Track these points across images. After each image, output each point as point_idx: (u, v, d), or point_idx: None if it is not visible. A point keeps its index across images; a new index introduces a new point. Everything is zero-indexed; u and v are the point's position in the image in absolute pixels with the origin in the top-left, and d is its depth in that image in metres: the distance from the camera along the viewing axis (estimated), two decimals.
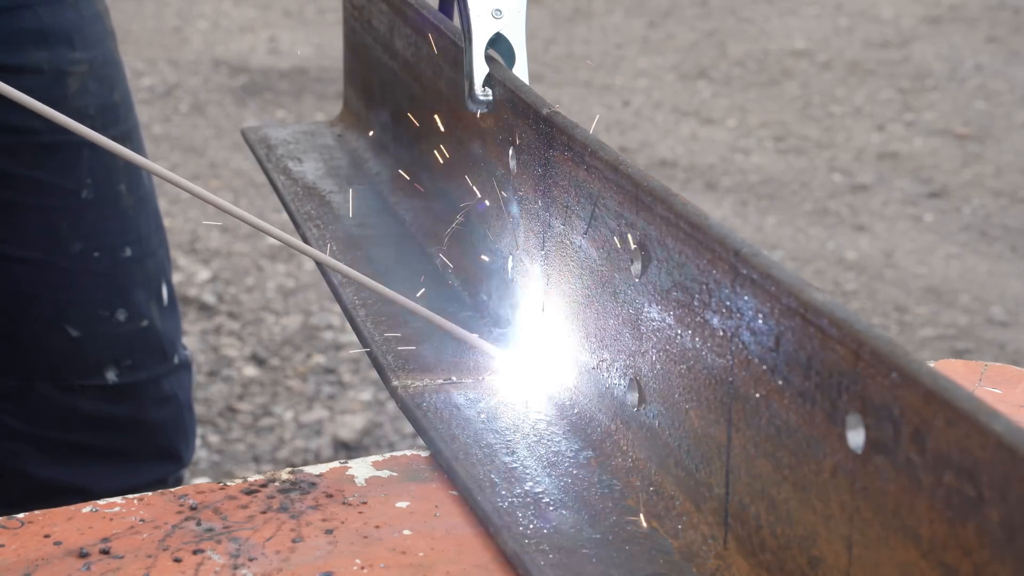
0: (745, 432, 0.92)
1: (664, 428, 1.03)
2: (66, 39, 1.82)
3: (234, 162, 4.62)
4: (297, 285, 3.81)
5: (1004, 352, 3.63)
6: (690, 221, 0.97)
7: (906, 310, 3.84)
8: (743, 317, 0.91)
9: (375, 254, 1.46)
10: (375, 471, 1.12)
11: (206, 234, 4.04)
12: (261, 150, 1.73)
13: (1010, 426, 0.69)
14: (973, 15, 6.28)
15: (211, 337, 3.55)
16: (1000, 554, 0.70)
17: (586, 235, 1.14)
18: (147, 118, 4.93)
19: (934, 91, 5.44)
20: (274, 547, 1.01)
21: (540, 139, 1.20)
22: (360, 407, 3.26)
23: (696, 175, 4.69)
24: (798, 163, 4.80)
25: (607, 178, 1.08)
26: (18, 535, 1.02)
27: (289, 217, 1.58)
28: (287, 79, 5.40)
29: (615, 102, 5.32)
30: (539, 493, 1.07)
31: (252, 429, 3.20)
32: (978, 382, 1.26)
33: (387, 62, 1.63)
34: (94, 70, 1.84)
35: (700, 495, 0.99)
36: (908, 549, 0.77)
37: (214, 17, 6.06)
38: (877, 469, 0.79)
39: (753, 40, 5.98)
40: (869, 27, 6.14)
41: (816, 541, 0.85)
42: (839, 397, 0.82)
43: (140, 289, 1.91)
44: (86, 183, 1.84)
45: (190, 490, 1.08)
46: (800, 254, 4.14)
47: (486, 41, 1.29)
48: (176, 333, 1.99)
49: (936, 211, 4.45)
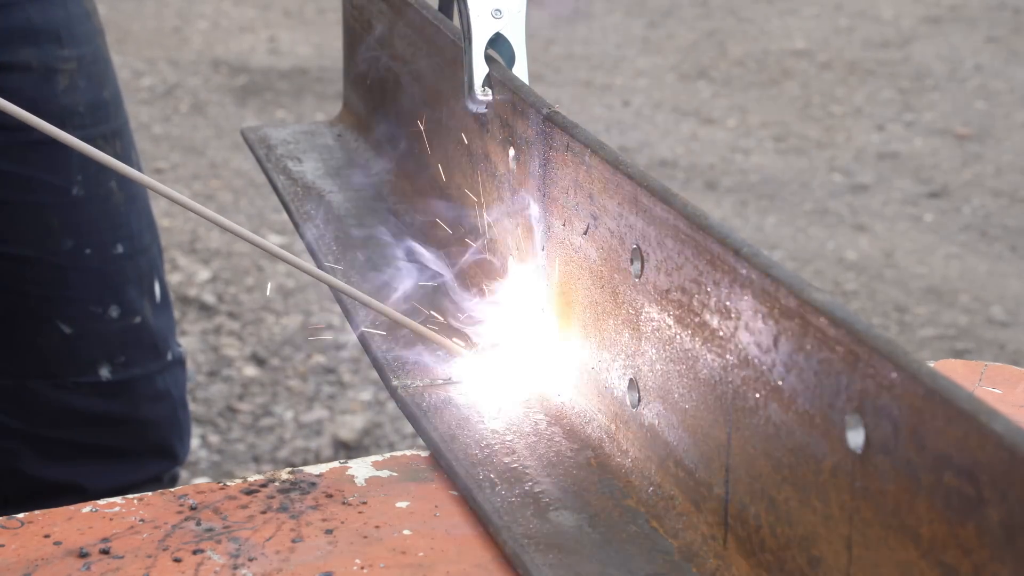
0: (745, 432, 0.92)
1: (664, 428, 1.03)
2: (55, 36, 1.81)
3: (234, 162, 4.62)
4: (297, 285, 3.81)
5: (1004, 352, 3.63)
6: (690, 221, 0.97)
7: (906, 310, 3.84)
8: (742, 317, 0.91)
9: (373, 255, 1.46)
10: (375, 471, 1.12)
11: (206, 234, 4.04)
12: (261, 150, 1.73)
13: (1010, 426, 0.69)
14: (973, 15, 6.28)
15: (211, 337, 3.55)
16: (1000, 554, 0.70)
17: (586, 235, 1.14)
18: (147, 118, 4.93)
19: (934, 91, 5.44)
20: (274, 547, 1.01)
21: (540, 139, 1.20)
22: (360, 407, 3.26)
23: (696, 175, 4.69)
24: (798, 163, 4.80)
25: (607, 178, 1.08)
26: (18, 535, 1.02)
27: (289, 217, 1.58)
28: (287, 79, 5.40)
29: (615, 102, 5.32)
30: (539, 493, 1.07)
31: (252, 429, 3.20)
32: (978, 382, 1.26)
33: (387, 62, 1.63)
34: (83, 67, 1.84)
35: (700, 495, 0.99)
36: (908, 549, 0.77)
37: (214, 17, 6.06)
38: (877, 469, 0.79)
39: (753, 40, 5.98)
40: (869, 27, 6.13)
41: (816, 541, 0.85)
42: (839, 397, 0.82)
43: (132, 286, 1.91)
44: (76, 180, 1.84)
45: (190, 490, 1.08)
46: (800, 254, 4.14)
47: (486, 41, 1.29)
48: (169, 330, 1.99)
49: (936, 211, 4.45)
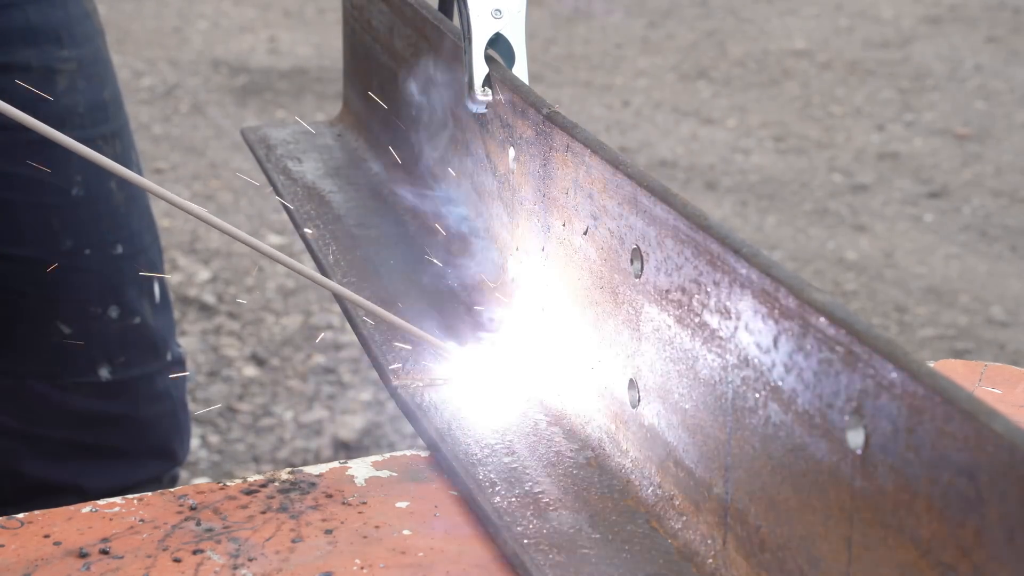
0: (745, 432, 0.92)
1: (664, 428, 1.03)
2: (54, 37, 1.81)
3: (234, 162, 4.62)
4: (297, 285, 3.81)
5: (1004, 352, 3.63)
6: (690, 221, 0.97)
7: (906, 310, 3.84)
8: (742, 317, 0.91)
9: (374, 254, 1.46)
10: (375, 471, 1.12)
11: (206, 234, 4.04)
12: (261, 150, 1.73)
13: (1010, 426, 0.69)
14: (973, 15, 6.28)
15: (211, 337, 3.55)
16: (999, 554, 0.70)
17: (585, 235, 1.14)
18: (147, 118, 4.93)
19: (934, 91, 5.44)
20: (274, 547, 1.01)
21: (540, 139, 1.20)
22: (360, 407, 3.26)
23: (696, 175, 4.69)
24: (798, 163, 4.80)
25: (607, 178, 1.08)
26: (18, 535, 1.02)
27: (289, 217, 1.58)
28: (287, 79, 5.40)
29: (615, 102, 5.32)
30: (539, 493, 1.07)
31: (252, 429, 3.20)
32: (978, 382, 1.26)
33: (387, 62, 1.63)
34: (83, 68, 1.84)
35: (699, 495, 0.99)
36: (907, 549, 0.77)
37: (214, 17, 6.06)
38: (877, 469, 0.79)
39: (753, 40, 5.98)
40: (869, 27, 6.14)
41: (816, 541, 0.85)
42: (839, 397, 0.82)
43: (132, 286, 1.91)
44: (76, 180, 1.84)
45: (190, 490, 1.08)
46: (800, 254, 4.14)
47: (486, 41, 1.29)
48: (169, 330, 1.99)
49: (936, 211, 4.45)
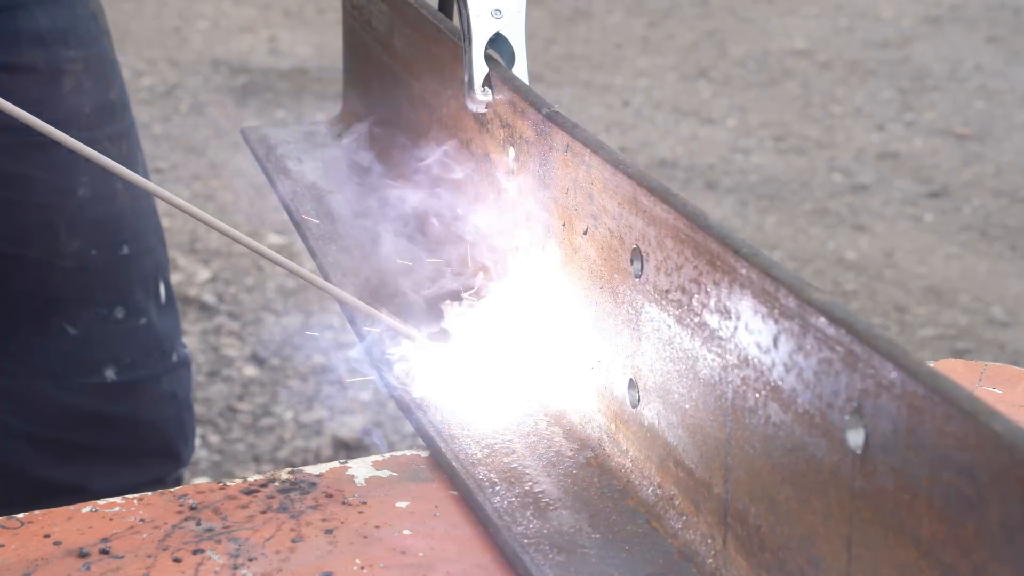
0: (745, 432, 0.92)
1: (664, 428, 1.03)
2: (61, 38, 1.81)
3: (234, 162, 4.61)
4: (297, 285, 3.81)
5: (1004, 352, 3.63)
6: (690, 221, 0.97)
7: (906, 310, 3.84)
8: (742, 317, 0.91)
9: (373, 254, 1.46)
10: (375, 471, 1.12)
11: (206, 234, 4.04)
12: (261, 150, 1.73)
13: (1010, 426, 0.69)
14: (973, 15, 6.27)
15: (211, 337, 3.55)
16: (1000, 554, 0.70)
17: (585, 235, 1.14)
18: (147, 118, 4.93)
19: (934, 91, 5.44)
20: (274, 547, 1.01)
21: (540, 139, 1.20)
22: (360, 407, 3.26)
23: (696, 175, 4.69)
24: (798, 163, 4.80)
25: (607, 178, 1.08)
26: (18, 535, 1.02)
27: (288, 217, 1.58)
28: (287, 79, 5.40)
29: (615, 102, 5.32)
30: (539, 493, 1.07)
31: (252, 429, 3.20)
32: (978, 382, 1.26)
33: (387, 62, 1.63)
34: (89, 69, 1.84)
35: (700, 495, 0.99)
36: (907, 549, 0.77)
37: (214, 17, 6.06)
38: (877, 469, 0.79)
39: (753, 40, 5.98)
40: (869, 27, 6.13)
41: (816, 541, 0.85)
42: (838, 397, 0.82)
43: (138, 287, 1.91)
44: (82, 181, 1.84)
45: (190, 490, 1.08)
46: (800, 254, 4.14)
47: (486, 41, 1.29)
48: (175, 331, 1.99)
49: (936, 211, 4.45)
